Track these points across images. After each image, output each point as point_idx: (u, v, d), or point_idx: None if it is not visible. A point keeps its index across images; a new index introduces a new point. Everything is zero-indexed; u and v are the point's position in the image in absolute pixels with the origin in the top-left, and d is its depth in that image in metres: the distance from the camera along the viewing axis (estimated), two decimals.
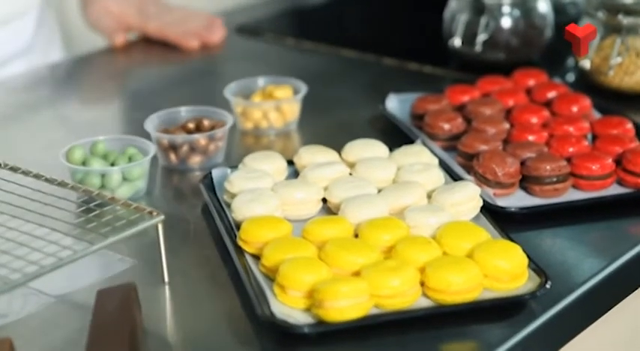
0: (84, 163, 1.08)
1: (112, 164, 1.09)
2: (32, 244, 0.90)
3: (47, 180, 1.00)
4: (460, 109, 1.22)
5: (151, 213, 0.93)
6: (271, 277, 0.91)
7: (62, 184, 0.99)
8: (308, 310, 0.87)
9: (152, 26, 1.55)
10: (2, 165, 1.02)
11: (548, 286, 0.89)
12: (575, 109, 1.20)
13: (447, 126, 1.17)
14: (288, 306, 0.87)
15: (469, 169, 1.09)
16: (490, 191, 1.05)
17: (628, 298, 1.00)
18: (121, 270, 0.96)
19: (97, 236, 0.89)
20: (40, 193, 0.98)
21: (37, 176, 1.00)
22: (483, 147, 1.10)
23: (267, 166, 1.09)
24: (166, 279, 0.94)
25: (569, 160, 1.07)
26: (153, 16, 1.56)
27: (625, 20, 1.29)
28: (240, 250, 0.96)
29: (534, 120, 1.17)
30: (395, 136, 1.21)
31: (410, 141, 1.16)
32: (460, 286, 0.87)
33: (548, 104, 1.22)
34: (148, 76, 1.51)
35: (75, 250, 0.87)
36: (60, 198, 0.99)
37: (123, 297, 0.85)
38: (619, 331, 1.05)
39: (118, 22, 1.55)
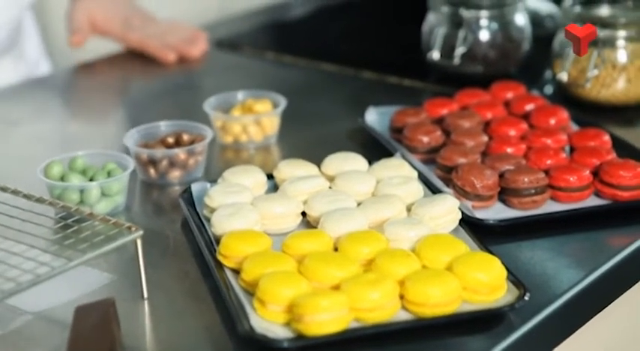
0: (62, 179, 1.08)
1: (91, 179, 1.09)
2: (9, 260, 0.89)
3: (25, 196, 0.99)
4: (439, 121, 1.23)
5: (129, 228, 0.92)
6: (251, 291, 0.91)
7: (40, 200, 0.99)
8: (288, 324, 0.87)
9: (133, 37, 1.55)
10: None
11: (526, 297, 0.89)
12: (552, 121, 1.20)
13: (425, 139, 1.17)
14: (268, 320, 0.87)
15: (448, 182, 1.09)
16: (469, 204, 1.05)
17: (607, 308, 1.00)
18: (100, 286, 0.95)
19: (75, 252, 0.89)
20: (17, 209, 0.98)
21: (15, 192, 0.99)
22: (462, 160, 1.11)
23: (247, 180, 1.09)
24: (145, 294, 0.94)
25: (547, 172, 1.08)
26: (136, 28, 1.56)
27: (601, 33, 1.30)
28: (219, 265, 0.96)
29: (512, 132, 1.18)
30: (374, 149, 1.21)
31: (389, 154, 1.16)
32: (439, 299, 0.87)
33: (526, 117, 1.23)
34: (127, 90, 1.51)
35: (53, 266, 0.86)
36: (38, 214, 0.98)
37: (102, 313, 0.85)
38: (598, 341, 1.06)
39: (93, 26, 1.54)
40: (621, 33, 1.30)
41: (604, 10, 1.35)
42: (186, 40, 1.56)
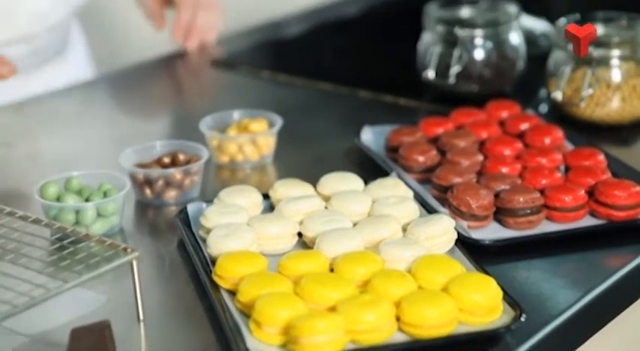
0: (58, 199, 1.08)
1: (87, 200, 1.09)
2: (5, 282, 0.89)
3: (21, 217, 0.99)
4: (434, 141, 1.23)
5: (125, 249, 0.92)
6: (247, 312, 0.91)
7: (36, 221, 0.98)
8: (284, 346, 0.87)
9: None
10: None
11: (523, 319, 0.89)
12: (547, 140, 1.21)
13: (421, 158, 1.18)
14: (264, 342, 0.87)
15: (444, 202, 1.10)
16: (464, 224, 1.06)
17: (603, 329, 1.00)
18: (96, 307, 0.95)
19: (71, 274, 0.89)
20: (13, 230, 0.98)
21: (10, 213, 0.99)
22: (457, 179, 1.11)
23: (243, 200, 1.09)
24: (141, 316, 0.93)
25: (542, 191, 1.08)
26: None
27: (595, 52, 1.30)
28: (215, 286, 0.96)
29: (507, 152, 1.18)
30: (370, 168, 1.21)
31: (385, 173, 1.17)
32: (435, 321, 0.87)
33: (521, 136, 1.23)
34: (123, 110, 1.51)
35: (48, 288, 0.86)
36: (34, 235, 0.98)
37: (97, 335, 0.85)
38: None
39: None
40: (615, 52, 1.31)
41: (598, 30, 1.36)
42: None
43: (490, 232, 1.06)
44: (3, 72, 1.29)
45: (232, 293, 0.94)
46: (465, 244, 1.02)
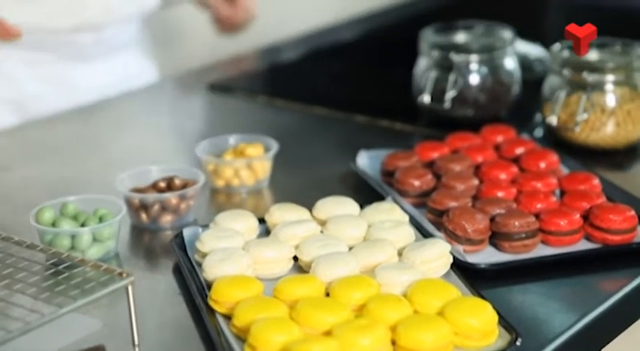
0: (54, 224, 1.08)
1: (83, 225, 1.09)
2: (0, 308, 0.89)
3: (16, 242, 0.99)
4: (430, 165, 1.24)
5: (121, 274, 0.92)
6: (242, 337, 0.91)
7: (31, 246, 0.98)
8: None
9: None
10: None
11: (518, 343, 0.89)
12: (543, 165, 1.21)
13: (417, 182, 1.18)
14: None
15: (439, 226, 1.10)
16: (460, 248, 1.06)
17: None
18: (91, 332, 0.95)
19: (66, 299, 0.89)
20: (9, 255, 0.98)
21: (6, 239, 0.99)
22: (453, 203, 1.11)
23: (238, 224, 1.09)
24: (136, 341, 0.93)
25: (537, 216, 1.08)
26: None
27: (590, 77, 1.31)
28: (211, 310, 0.96)
29: (503, 176, 1.19)
30: (366, 192, 1.22)
31: (381, 197, 1.17)
32: (431, 345, 0.87)
33: (516, 160, 1.23)
34: (119, 135, 1.51)
35: (43, 313, 0.86)
36: (30, 260, 0.98)
37: None
38: None
39: None
40: (609, 77, 1.31)
41: (592, 55, 1.37)
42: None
43: (486, 256, 1.06)
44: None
45: (228, 318, 0.94)
46: (460, 268, 1.02)
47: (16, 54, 1.54)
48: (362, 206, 1.13)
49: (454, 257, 1.03)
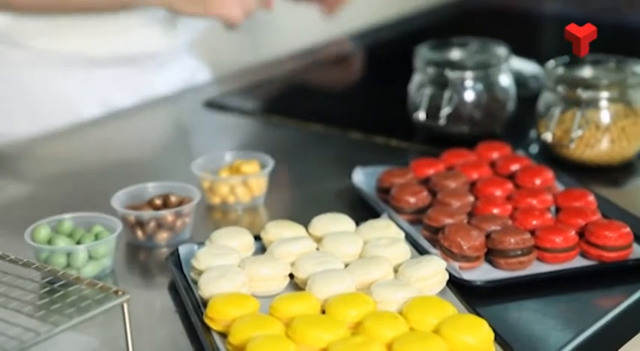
0: (49, 242, 1.08)
1: (78, 242, 1.09)
2: None
3: (12, 260, 0.99)
4: (425, 182, 1.24)
5: (116, 292, 0.92)
6: None
7: (27, 264, 0.98)
8: None
9: None
10: None
11: None
12: (538, 181, 1.21)
13: (412, 199, 1.18)
14: None
15: (435, 243, 1.10)
16: (456, 265, 1.06)
17: None
18: (87, 350, 0.94)
19: (62, 317, 0.89)
20: (4, 273, 0.98)
21: (1, 257, 0.99)
22: (448, 220, 1.11)
23: (234, 242, 1.09)
24: None
25: (533, 232, 1.09)
26: None
27: (584, 94, 1.32)
28: (207, 328, 0.96)
29: (498, 193, 1.19)
30: (362, 209, 1.22)
31: (376, 214, 1.17)
32: None
33: (511, 177, 1.24)
34: (114, 151, 1.51)
35: (38, 332, 0.86)
36: (25, 278, 0.98)
37: None
38: None
39: None
40: (604, 94, 1.32)
41: (587, 72, 1.37)
42: None
43: (481, 273, 1.06)
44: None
45: (224, 335, 0.94)
46: (456, 285, 1.02)
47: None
48: (358, 223, 1.13)
49: (450, 274, 1.03)
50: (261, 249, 1.11)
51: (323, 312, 0.97)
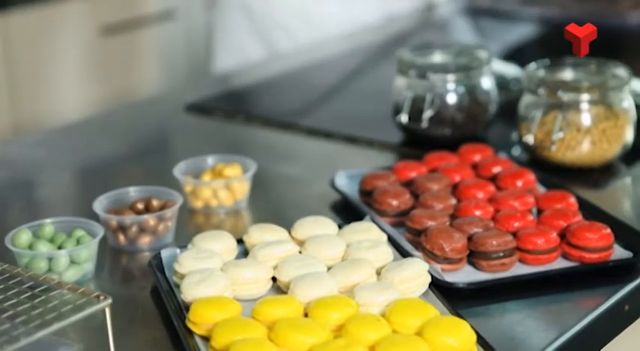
0: (30, 247, 1.07)
1: (60, 247, 1.08)
2: None
3: None
4: (408, 184, 1.24)
5: (98, 297, 0.92)
6: None
7: (7, 270, 0.98)
8: None
9: None
10: None
11: None
12: (519, 183, 1.22)
13: (395, 202, 1.18)
14: None
15: (417, 245, 1.10)
16: (438, 267, 1.06)
17: None
18: None
19: (43, 322, 0.88)
20: None
21: None
22: (431, 223, 1.11)
23: (217, 245, 1.09)
24: None
25: (515, 234, 1.09)
26: None
27: (565, 97, 1.32)
28: (189, 332, 0.95)
29: (480, 195, 1.19)
30: (344, 212, 1.22)
31: (359, 217, 1.17)
32: None
33: (493, 179, 1.24)
34: (96, 155, 1.51)
35: (18, 337, 0.85)
36: (5, 283, 0.97)
37: None
38: None
39: None
40: (585, 96, 1.32)
41: (567, 74, 1.38)
42: None
43: (464, 275, 1.06)
44: None
45: (206, 339, 0.94)
46: (438, 287, 1.02)
47: None
48: (340, 226, 1.13)
49: (432, 276, 1.03)
50: (244, 252, 1.11)
51: (306, 315, 0.97)
